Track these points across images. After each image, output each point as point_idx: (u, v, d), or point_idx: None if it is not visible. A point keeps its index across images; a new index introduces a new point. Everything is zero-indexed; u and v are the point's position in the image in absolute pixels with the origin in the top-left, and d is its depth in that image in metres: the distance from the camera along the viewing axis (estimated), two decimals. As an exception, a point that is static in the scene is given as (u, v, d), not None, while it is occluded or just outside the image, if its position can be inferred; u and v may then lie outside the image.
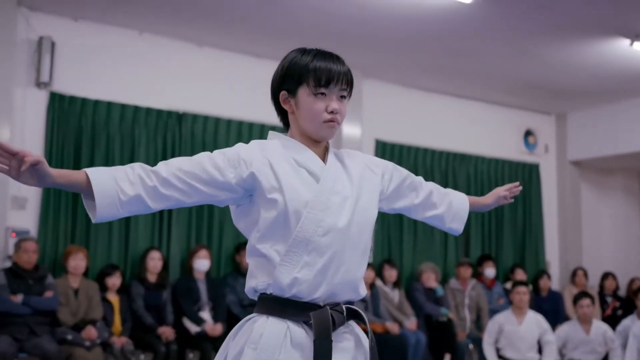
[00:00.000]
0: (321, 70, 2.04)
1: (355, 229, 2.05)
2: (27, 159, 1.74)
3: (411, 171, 8.03)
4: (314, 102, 2.05)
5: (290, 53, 2.13)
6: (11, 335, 5.43)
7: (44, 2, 6.15)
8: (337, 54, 2.12)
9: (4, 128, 5.93)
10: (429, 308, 7.71)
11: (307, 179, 2.04)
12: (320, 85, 2.04)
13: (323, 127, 2.07)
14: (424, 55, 7.50)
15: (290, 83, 2.08)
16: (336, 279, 2.00)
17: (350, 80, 2.11)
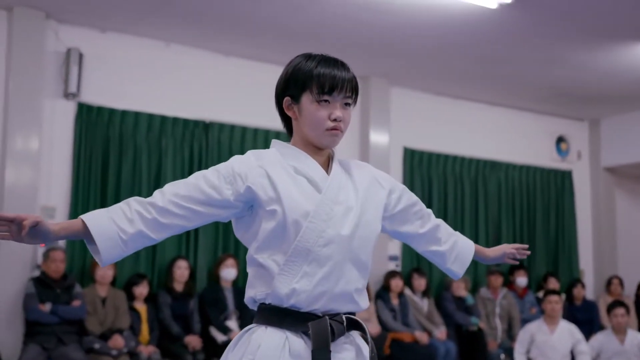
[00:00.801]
0: (325, 76, 2.00)
1: (358, 241, 2.02)
2: (25, 222, 1.77)
3: (440, 179, 8.04)
4: (317, 110, 2.01)
5: (295, 58, 2.09)
6: (40, 344, 5.49)
7: (72, 14, 6.23)
8: (342, 60, 2.07)
9: (33, 139, 6.00)
10: (459, 317, 7.61)
11: (306, 188, 2.00)
12: (324, 93, 2.00)
13: (325, 135, 2.02)
14: (451, 62, 7.43)
15: (294, 89, 2.04)
16: (336, 290, 1.97)
17: (355, 87, 2.06)
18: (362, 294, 2.05)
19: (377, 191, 2.13)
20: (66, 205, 6.19)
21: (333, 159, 2.11)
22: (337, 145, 2.07)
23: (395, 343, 6.97)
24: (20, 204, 5.88)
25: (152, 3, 5.96)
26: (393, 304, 7.29)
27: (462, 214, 8.47)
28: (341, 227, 1.98)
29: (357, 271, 2.02)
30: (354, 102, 2.09)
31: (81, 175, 6.23)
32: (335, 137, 2.04)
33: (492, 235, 8.71)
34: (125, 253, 1.90)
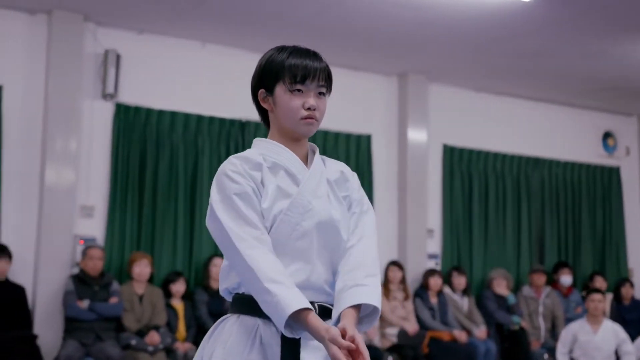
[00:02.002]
0: (297, 66, 2.00)
1: (329, 233, 2.00)
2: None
3: (481, 177, 7.93)
4: (291, 99, 2.01)
5: (268, 51, 2.09)
6: (78, 339, 5.60)
7: (110, 16, 6.34)
8: (314, 51, 2.08)
9: (72, 139, 6.12)
10: (500, 316, 7.48)
11: (284, 181, 2.01)
12: (296, 82, 2.00)
13: (300, 124, 2.02)
14: (491, 58, 7.31)
15: (268, 81, 2.04)
16: (309, 281, 1.96)
17: (328, 76, 2.06)
18: (333, 285, 2.01)
19: (344, 185, 2.12)
20: (104, 204, 6.30)
21: (315, 153, 2.11)
22: (312, 134, 2.07)
23: (433, 342, 6.89)
24: (60, 204, 6.02)
25: (187, 4, 6.01)
26: (432, 302, 7.21)
27: (504, 213, 8.33)
28: (316, 220, 1.98)
29: (327, 262, 2.01)
30: (329, 92, 2.08)
31: (119, 175, 6.33)
32: (310, 126, 2.04)
33: (535, 234, 8.55)
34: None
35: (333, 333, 1.77)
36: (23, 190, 6.01)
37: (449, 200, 8.01)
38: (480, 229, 8.11)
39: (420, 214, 7.69)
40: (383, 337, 6.89)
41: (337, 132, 7.45)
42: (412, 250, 7.57)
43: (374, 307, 1.96)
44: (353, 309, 1.90)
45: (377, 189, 7.61)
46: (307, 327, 1.82)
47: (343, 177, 2.13)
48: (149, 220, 6.39)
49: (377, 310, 1.97)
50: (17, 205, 5.98)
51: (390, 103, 7.83)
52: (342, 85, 7.52)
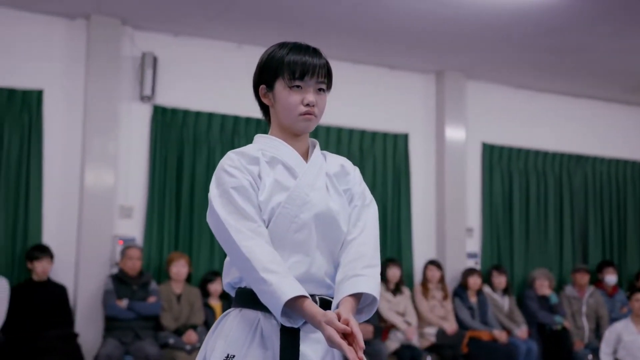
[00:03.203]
0: (296, 62, 2.01)
1: (328, 225, 2.00)
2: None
3: (522, 175, 7.83)
4: (290, 95, 2.02)
5: (269, 48, 2.11)
6: (117, 338, 5.68)
7: (147, 20, 6.43)
8: (314, 47, 2.08)
9: (111, 141, 6.23)
10: (542, 316, 7.36)
11: (282, 175, 2.02)
12: (295, 78, 2.01)
13: (299, 120, 2.03)
14: (529, 53, 7.20)
15: (268, 77, 2.06)
16: (308, 274, 1.96)
17: (328, 73, 2.06)
18: (334, 278, 2.01)
19: (344, 179, 2.11)
20: (143, 205, 6.38)
21: (315, 147, 2.12)
22: (312, 129, 2.08)
23: (473, 342, 6.81)
24: (99, 205, 6.12)
25: (222, 6, 6.06)
26: (471, 302, 7.13)
27: (546, 211, 8.20)
28: (314, 213, 1.98)
29: (327, 256, 2.01)
30: (328, 88, 2.09)
31: (157, 176, 6.41)
32: (308, 122, 2.04)
33: (578, 232, 8.39)
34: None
35: (330, 316, 1.78)
36: (64, 192, 6.13)
37: (488, 199, 7.91)
38: (521, 228, 8.00)
39: (459, 213, 7.62)
40: (422, 336, 6.84)
41: (374, 132, 7.43)
42: (451, 250, 7.50)
43: (373, 297, 1.95)
44: (351, 297, 1.89)
45: (415, 188, 7.56)
46: (304, 313, 1.83)
47: (343, 170, 2.13)
48: (187, 221, 6.46)
49: (375, 301, 1.96)
50: (58, 206, 6.10)
51: (427, 101, 7.77)
52: (379, 84, 7.54)
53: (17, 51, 6.09)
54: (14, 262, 5.90)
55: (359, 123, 7.38)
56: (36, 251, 5.75)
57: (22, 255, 5.86)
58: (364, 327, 6.38)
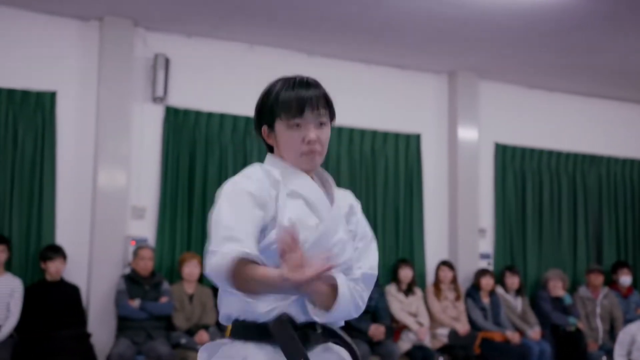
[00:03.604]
0: (291, 99, 1.92)
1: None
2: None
3: (535, 175, 7.80)
4: (290, 135, 1.93)
5: (267, 86, 2.03)
6: (130, 338, 5.71)
7: (159, 21, 6.45)
8: (309, 79, 1.99)
9: (123, 141, 6.26)
10: (555, 317, 7.32)
11: (303, 212, 1.92)
12: (293, 117, 1.92)
13: (302, 160, 1.95)
14: (542, 53, 7.17)
15: (267, 117, 1.98)
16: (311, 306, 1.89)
17: (327, 104, 1.97)
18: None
19: (352, 219, 2.05)
20: (155, 205, 6.41)
21: (329, 182, 2.05)
22: (316, 167, 2.00)
23: (485, 342, 6.79)
24: (112, 205, 6.16)
25: (234, 7, 6.08)
26: (484, 302, 7.10)
27: (560, 212, 8.15)
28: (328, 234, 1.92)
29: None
30: (330, 119, 2.00)
31: (169, 176, 6.44)
32: (312, 161, 1.96)
33: (592, 233, 8.33)
34: None
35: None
36: (76, 192, 6.16)
37: (501, 199, 7.88)
38: (534, 229, 7.95)
39: (471, 214, 7.59)
40: (434, 337, 6.82)
41: (385, 132, 7.42)
42: (463, 250, 7.47)
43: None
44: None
45: (427, 188, 7.54)
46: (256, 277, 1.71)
47: (351, 211, 2.05)
48: (199, 221, 6.48)
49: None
50: (71, 207, 6.14)
51: (440, 101, 7.75)
52: (391, 85, 7.53)
53: (30, 53, 6.14)
54: (28, 262, 5.94)
55: (371, 123, 7.37)
56: (49, 251, 5.79)
57: (36, 256, 5.90)
58: (376, 328, 6.38)
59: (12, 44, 6.09)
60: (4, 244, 5.63)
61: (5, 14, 6.07)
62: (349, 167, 7.18)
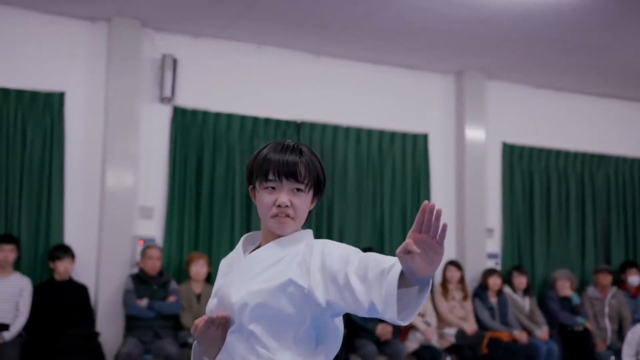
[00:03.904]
0: (269, 163, 1.96)
1: (243, 312, 1.94)
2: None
3: (543, 175, 7.82)
4: (265, 196, 1.97)
5: (258, 148, 2.07)
6: (138, 337, 5.74)
7: (166, 22, 6.48)
8: (295, 146, 1.99)
9: (131, 142, 6.29)
10: (563, 317, 7.31)
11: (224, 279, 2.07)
12: (268, 180, 1.96)
13: (273, 222, 1.96)
14: (550, 53, 7.16)
15: (252, 178, 2.03)
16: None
17: (307, 172, 1.96)
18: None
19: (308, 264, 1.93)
20: (163, 205, 6.44)
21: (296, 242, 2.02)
22: (287, 232, 1.97)
23: (493, 342, 6.78)
24: (120, 205, 6.19)
25: (241, 7, 6.10)
26: (491, 302, 7.10)
27: (567, 211, 8.14)
28: (222, 301, 1.99)
29: (247, 344, 1.92)
30: (311, 188, 1.99)
31: (177, 176, 6.46)
32: (282, 224, 1.96)
33: (600, 233, 8.31)
34: None
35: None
36: (85, 192, 6.20)
37: (509, 199, 7.87)
38: (542, 228, 7.94)
39: (479, 214, 7.59)
40: (441, 337, 6.82)
41: (393, 132, 7.42)
42: (470, 250, 7.47)
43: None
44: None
45: (435, 188, 7.54)
46: None
47: (305, 256, 1.95)
48: (206, 221, 6.50)
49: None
50: (80, 207, 6.17)
51: (447, 101, 7.75)
52: (398, 85, 7.53)
53: (39, 54, 6.18)
54: (37, 261, 5.97)
55: (378, 123, 7.38)
56: (58, 251, 5.82)
57: (45, 255, 5.94)
58: (383, 327, 6.38)
59: (21, 44, 6.13)
60: (12, 244, 5.66)
61: (14, 15, 6.11)
62: (356, 166, 7.19)
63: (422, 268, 1.59)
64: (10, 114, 5.99)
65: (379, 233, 7.19)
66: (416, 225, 1.60)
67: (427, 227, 1.58)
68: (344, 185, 7.11)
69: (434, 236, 1.58)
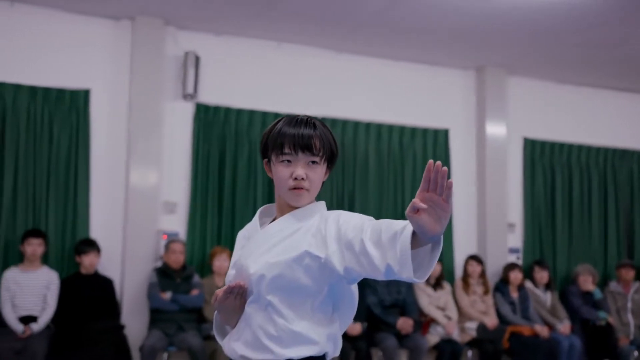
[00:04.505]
0: (284, 136, 2.02)
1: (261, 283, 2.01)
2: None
3: (564, 170, 7.78)
4: (281, 169, 2.04)
5: (272, 123, 2.14)
6: (162, 330, 5.83)
7: (189, 20, 6.58)
8: (309, 119, 2.06)
9: (154, 138, 6.39)
10: (585, 312, 7.30)
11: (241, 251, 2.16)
12: (284, 153, 2.02)
13: (289, 194, 2.04)
14: (571, 48, 7.14)
15: (267, 151, 2.09)
16: (243, 339, 2.04)
17: (322, 145, 2.03)
18: (282, 340, 1.97)
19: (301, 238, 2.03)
20: (186, 200, 6.54)
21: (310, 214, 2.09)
22: (304, 203, 2.06)
23: (514, 336, 6.79)
24: (144, 200, 6.30)
25: (262, 5, 6.17)
26: (512, 297, 7.10)
27: (590, 207, 8.11)
28: (241, 272, 2.07)
29: (259, 318, 2.01)
30: (325, 160, 2.06)
31: (199, 172, 6.56)
32: (298, 196, 2.04)
33: (623, 227, 8.27)
34: None
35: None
36: (110, 188, 6.31)
37: (530, 194, 7.87)
38: (564, 223, 7.93)
39: (500, 208, 7.60)
40: (462, 331, 6.84)
41: (413, 127, 7.46)
42: (492, 245, 7.48)
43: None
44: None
45: (455, 183, 7.43)
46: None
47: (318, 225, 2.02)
48: (229, 216, 6.59)
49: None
50: (105, 202, 6.29)
51: (468, 97, 7.77)
52: (419, 81, 7.57)
53: (65, 52, 6.30)
54: (64, 256, 6.10)
55: (399, 119, 7.42)
56: (84, 245, 5.94)
57: (71, 250, 6.06)
58: (404, 321, 6.43)
59: (47, 44, 6.26)
60: (40, 238, 5.79)
61: (40, 15, 6.24)
62: (377, 162, 7.24)
63: (431, 225, 1.66)
64: (37, 112, 6.12)
65: (400, 228, 7.21)
66: (423, 183, 1.66)
67: (435, 185, 1.65)
68: (365, 182, 7.16)
69: (440, 193, 1.64)
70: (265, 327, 1.98)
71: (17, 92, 6.07)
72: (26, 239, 5.74)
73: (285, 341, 1.96)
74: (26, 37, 6.21)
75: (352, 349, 6.13)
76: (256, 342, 1.99)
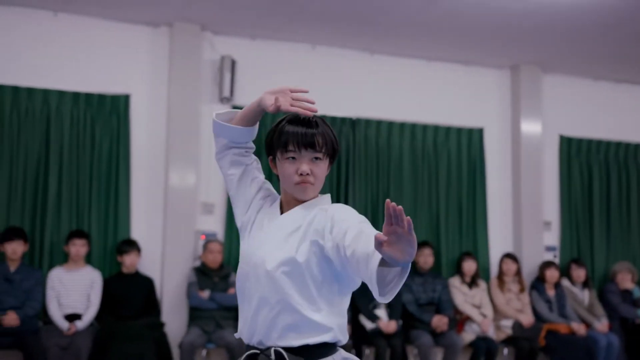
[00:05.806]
0: (288, 134, 2.15)
1: (277, 276, 2.11)
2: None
3: (602, 167, 7.73)
4: (286, 166, 2.17)
5: (275, 122, 2.27)
6: (200, 327, 5.99)
7: (225, 25, 6.74)
8: (315, 119, 2.19)
9: (192, 141, 6.56)
10: (624, 310, 7.25)
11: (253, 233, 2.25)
12: (288, 150, 2.15)
13: (296, 189, 2.17)
14: (605, 44, 7.09)
15: (271, 149, 2.23)
16: (262, 324, 2.12)
17: (324, 142, 2.16)
18: (301, 327, 2.08)
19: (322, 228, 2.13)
20: (223, 201, 6.70)
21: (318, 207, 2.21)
22: (310, 197, 2.20)
23: (551, 334, 6.79)
24: (183, 202, 6.47)
25: (296, 9, 6.29)
26: (549, 294, 7.10)
27: (628, 205, 8.04)
28: (256, 263, 2.15)
29: (281, 305, 2.10)
30: (328, 156, 2.20)
31: (236, 173, 6.68)
32: (305, 191, 2.17)
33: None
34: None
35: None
36: (150, 190, 6.50)
37: (567, 192, 7.84)
38: (601, 221, 7.88)
39: (536, 207, 7.59)
40: (498, 329, 6.87)
41: (448, 127, 7.50)
42: (527, 243, 7.48)
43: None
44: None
45: (491, 182, 7.58)
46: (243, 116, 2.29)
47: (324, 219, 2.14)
48: (266, 216, 6.71)
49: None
50: (145, 204, 6.48)
51: (502, 96, 7.78)
52: (453, 80, 7.61)
53: (106, 59, 6.52)
54: (106, 255, 6.31)
55: (433, 118, 7.47)
56: (125, 245, 6.14)
57: (113, 249, 6.27)
58: (439, 319, 6.48)
59: (88, 51, 6.48)
60: (84, 239, 6.00)
61: (82, 24, 6.47)
62: (411, 162, 7.30)
63: (397, 254, 1.73)
64: (80, 116, 6.34)
65: (435, 228, 7.26)
66: (386, 219, 1.73)
67: (396, 219, 1.71)
68: (400, 181, 7.23)
69: (402, 226, 1.70)
70: (279, 315, 2.10)
71: (61, 98, 6.30)
72: (70, 240, 5.95)
73: (303, 330, 2.09)
74: (69, 45, 6.44)
75: (387, 346, 6.21)
76: (274, 332, 2.10)
